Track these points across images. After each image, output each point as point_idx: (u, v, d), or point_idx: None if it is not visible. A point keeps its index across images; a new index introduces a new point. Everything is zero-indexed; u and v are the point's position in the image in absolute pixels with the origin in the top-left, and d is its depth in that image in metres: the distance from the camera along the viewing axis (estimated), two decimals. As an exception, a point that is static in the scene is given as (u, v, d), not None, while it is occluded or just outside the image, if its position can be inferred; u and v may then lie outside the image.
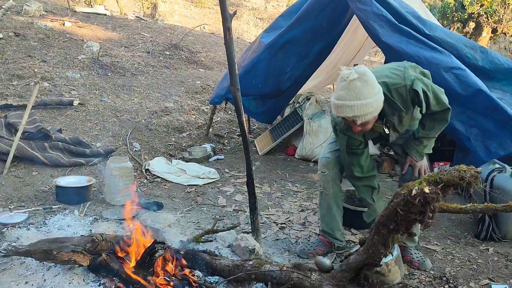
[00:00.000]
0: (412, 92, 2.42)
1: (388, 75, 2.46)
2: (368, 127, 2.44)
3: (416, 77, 2.44)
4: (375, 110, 2.31)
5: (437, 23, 4.36)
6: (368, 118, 2.31)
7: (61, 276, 2.38)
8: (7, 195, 3.43)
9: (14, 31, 7.34)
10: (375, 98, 2.27)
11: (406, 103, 2.47)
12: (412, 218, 1.76)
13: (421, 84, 2.43)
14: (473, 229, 3.37)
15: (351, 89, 2.22)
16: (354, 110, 2.24)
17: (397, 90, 2.42)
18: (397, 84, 2.42)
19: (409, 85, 2.41)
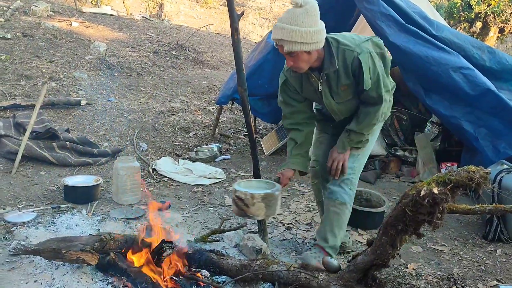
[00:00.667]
0: (356, 61, 2.32)
1: (346, 36, 2.40)
2: (300, 66, 2.33)
3: (369, 51, 2.34)
4: (305, 44, 2.21)
5: (444, 24, 4.35)
6: (295, 48, 2.21)
7: (70, 275, 2.39)
8: (16, 194, 3.46)
9: (22, 31, 7.39)
10: (307, 30, 2.18)
11: (346, 69, 2.36)
12: (420, 219, 1.75)
13: (370, 60, 2.33)
14: (481, 230, 3.36)
15: (289, 13, 2.21)
16: (283, 33, 2.19)
17: (344, 52, 2.33)
18: (347, 46, 2.33)
19: (357, 53, 2.31)
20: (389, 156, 4.79)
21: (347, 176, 2.53)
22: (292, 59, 2.30)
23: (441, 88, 3.83)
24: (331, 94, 2.48)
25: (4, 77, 5.78)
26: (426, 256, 2.99)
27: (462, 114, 3.79)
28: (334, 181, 2.57)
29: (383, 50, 2.46)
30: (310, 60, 2.33)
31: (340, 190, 2.52)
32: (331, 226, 2.55)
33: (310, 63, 2.35)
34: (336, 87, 2.44)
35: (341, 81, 2.41)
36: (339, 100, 2.50)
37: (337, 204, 2.52)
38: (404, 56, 3.85)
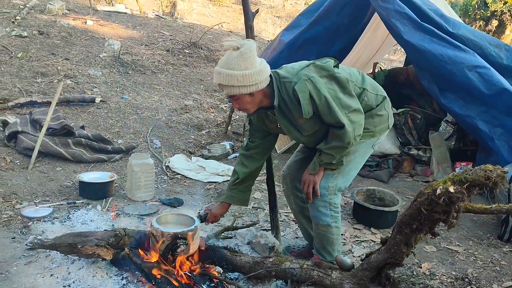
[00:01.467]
0: (294, 91, 2.21)
1: (287, 68, 2.31)
2: (247, 108, 2.28)
3: (308, 77, 2.20)
4: (243, 87, 2.16)
5: (460, 21, 4.30)
6: (234, 92, 2.17)
7: (85, 269, 2.42)
8: (32, 190, 3.51)
9: (38, 29, 7.49)
10: (243, 72, 2.12)
11: (292, 101, 2.25)
12: (436, 218, 1.74)
13: (310, 85, 2.19)
14: (496, 230, 3.32)
15: (226, 57, 2.17)
16: (220, 78, 2.16)
17: (284, 85, 2.25)
18: (285, 78, 2.25)
19: (294, 82, 2.21)
20: (402, 155, 4.76)
21: (323, 198, 2.40)
22: (236, 102, 2.26)
23: (456, 87, 3.79)
24: (295, 128, 2.36)
25: (21, 75, 5.87)
26: (440, 256, 2.97)
27: (477, 113, 3.74)
28: (311, 205, 2.47)
29: (331, 72, 2.26)
30: (254, 101, 2.26)
31: (320, 214, 2.43)
32: (322, 245, 2.51)
33: (256, 104, 2.28)
34: (294, 120, 2.32)
35: (294, 114, 2.28)
36: (306, 133, 2.37)
37: (320, 227, 2.46)
38: (419, 55, 3.82)
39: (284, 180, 2.78)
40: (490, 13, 12.66)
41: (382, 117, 2.48)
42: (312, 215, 2.50)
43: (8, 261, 2.48)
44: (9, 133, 4.18)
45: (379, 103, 2.46)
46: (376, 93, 2.45)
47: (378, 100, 2.45)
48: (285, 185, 2.79)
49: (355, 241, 3.13)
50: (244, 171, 2.56)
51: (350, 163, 2.45)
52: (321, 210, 2.42)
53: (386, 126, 2.53)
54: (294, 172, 2.71)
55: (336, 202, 2.44)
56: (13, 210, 3.13)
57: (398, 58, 11.71)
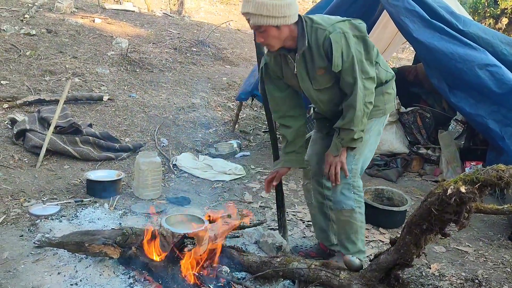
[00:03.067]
0: (327, 40, 2.16)
1: (322, 16, 2.28)
2: (271, 43, 2.22)
3: (343, 31, 2.17)
4: (271, 18, 2.10)
5: (470, 19, 4.25)
6: (261, 22, 2.11)
7: (92, 267, 2.42)
8: (40, 188, 3.52)
9: (46, 27, 7.52)
10: (274, 2, 2.08)
11: (319, 50, 2.22)
12: (446, 218, 1.71)
13: (343, 40, 2.16)
14: (506, 231, 3.28)
15: None
16: (249, 6, 2.10)
17: (316, 31, 2.20)
18: (320, 25, 2.20)
19: (329, 32, 2.16)
20: (411, 154, 4.72)
21: (346, 181, 2.36)
22: (262, 35, 2.19)
23: (466, 86, 3.74)
24: (309, 78, 2.32)
25: (29, 73, 5.90)
26: (449, 256, 2.94)
27: (487, 112, 3.69)
28: (334, 190, 2.43)
29: (363, 34, 2.25)
30: (280, 36, 2.20)
31: (343, 198, 2.38)
32: (346, 235, 2.45)
33: (281, 41, 2.23)
34: (312, 70, 2.29)
35: (316, 63, 2.26)
36: (317, 87, 2.33)
37: (344, 213, 2.40)
38: (428, 53, 3.77)
39: (306, 175, 2.73)
40: (500, 11, 12.52)
41: (390, 95, 2.48)
42: (335, 200, 2.44)
43: (16, 259, 2.49)
44: (18, 131, 4.20)
45: (388, 80, 2.45)
46: (386, 70, 2.45)
47: (387, 76, 2.44)
48: (306, 180, 2.73)
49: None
50: (289, 131, 2.52)
51: (365, 144, 2.42)
52: (344, 193, 2.37)
53: (393, 105, 2.53)
54: (315, 166, 2.64)
55: (360, 185, 2.41)
56: (21, 208, 3.14)
57: (406, 56, 11.63)
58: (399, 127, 4.83)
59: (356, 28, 2.24)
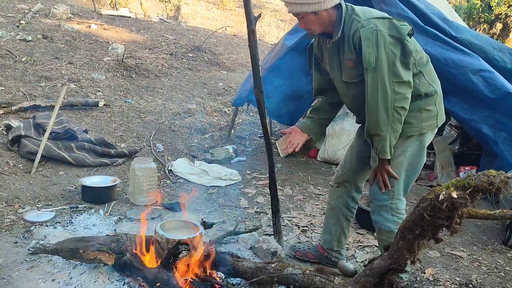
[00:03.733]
0: (357, 34, 2.13)
1: (367, 9, 2.25)
2: (312, 29, 2.25)
3: (377, 28, 2.10)
4: (305, 4, 2.14)
5: (463, 25, 4.29)
6: (297, 9, 2.17)
7: (87, 274, 2.42)
8: (35, 194, 3.51)
9: (42, 33, 7.53)
10: None
11: (349, 40, 2.19)
12: (439, 223, 1.72)
13: (374, 37, 2.09)
14: (500, 236, 3.29)
15: None
16: None
17: (352, 22, 2.18)
18: (357, 17, 2.17)
19: (362, 25, 2.12)
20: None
21: (384, 203, 2.32)
22: (302, 21, 2.24)
23: (460, 91, 3.77)
24: (339, 68, 2.29)
25: (25, 79, 5.90)
26: (444, 261, 2.95)
27: (481, 117, 3.72)
28: (372, 209, 2.42)
29: (402, 36, 2.12)
30: (319, 21, 2.21)
31: (381, 219, 2.36)
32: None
33: (321, 25, 2.23)
34: (342, 60, 2.26)
35: (346, 54, 2.22)
36: (345, 79, 2.29)
37: (383, 233, 2.39)
38: (422, 58, 3.80)
39: (337, 179, 2.67)
40: (494, 16, 12.63)
41: (430, 112, 2.29)
42: (374, 220, 2.43)
43: (10, 266, 2.48)
44: (13, 137, 4.19)
45: (429, 95, 2.27)
46: (430, 83, 2.28)
47: (429, 90, 2.27)
48: (336, 183, 2.67)
49: (358, 246, 3.11)
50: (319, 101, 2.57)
51: (402, 165, 2.31)
52: (383, 215, 2.35)
53: (435, 123, 2.34)
54: (347, 172, 2.61)
55: (400, 207, 2.34)
56: (15, 215, 3.13)
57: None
58: (394, 132, 4.84)
59: (395, 28, 2.14)
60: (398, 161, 2.29)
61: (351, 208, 2.69)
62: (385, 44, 2.10)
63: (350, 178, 2.62)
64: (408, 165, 2.32)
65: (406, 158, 2.31)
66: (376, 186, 2.34)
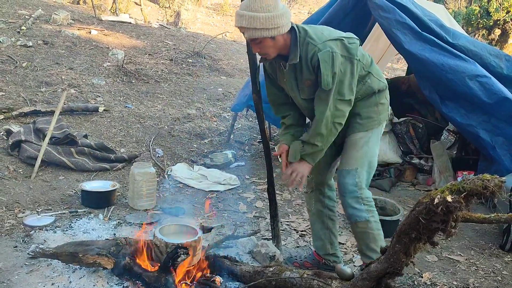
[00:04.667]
0: (315, 57, 2.21)
1: (317, 29, 2.30)
2: (267, 53, 2.26)
3: (332, 51, 2.20)
4: (265, 30, 2.14)
5: (461, 31, 4.32)
6: (256, 35, 2.16)
7: (86, 278, 2.44)
8: (35, 199, 3.53)
9: (42, 39, 7.57)
10: (266, 15, 2.11)
11: (307, 63, 2.26)
12: (434, 227, 1.74)
13: (330, 59, 2.19)
14: (497, 240, 3.31)
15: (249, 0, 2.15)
16: (242, 20, 2.14)
17: (307, 45, 2.24)
18: (312, 40, 2.23)
19: (319, 49, 2.20)
20: (404, 164, 4.76)
21: (354, 194, 2.43)
22: (257, 46, 2.24)
23: (457, 96, 3.81)
24: (297, 88, 2.37)
25: (25, 84, 5.93)
26: (441, 265, 2.96)
27: (478, 122, 3.75)
28: (344, 205, 2.48)
29: (351, 55, 2.27)
30: (276, 45, 2.25)
31: (355, 211, 2.44)
32: (366, 245, 2.50)
33: (277, 49, 2.27)
34: (300, 81, 2.34)
35: (304, 75, 2.30)
36: (304, 96, 2.38)
37: (359, 225, 2.45)
38: (419, 64, 3.84)
39: (309, 184, 2.75)
40: (492, 22, 12.70)
41: (384, 105, 2.50)
42: (347, 215, 2.49)
43: (10, 270, 2.50)
44: (13, 142, 4.22)
45: (381, 90, 2.47)
46: (379, 79, 2.47)
47: (380, 86, 2.46)
48: (309, 189, 2.76)
49: (356, 251, 3.12)
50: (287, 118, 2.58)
51: (365, 155, 2.46)
52: (355, 206, 2.42)
53: (387, 114, 2.56)
54: (317, 175, 2.68)
55: (368, 195, 2.46)
56: (15, 219, 3.15)
57: (401, 66, 11.74)
58: (392, 137, 4.87)
59: (346, 49, 2.26)
60: (362, 151, 2.45)
61: (330, 207, 2.74)
62: (338, 63, 2.22)
63: (320, 180, 2.69)
64: (370, 155, 2.48)
65: (369, 148, 2.47)
66: (346, 179, 2.43)
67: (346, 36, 2.32)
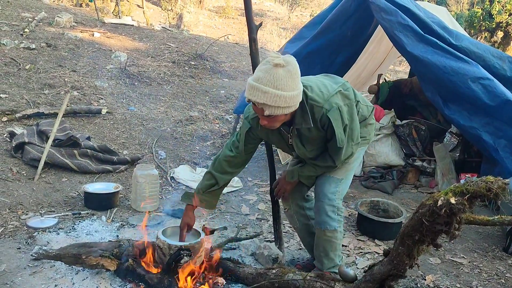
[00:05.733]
0: (325, 118, 2.20)
1: (313, 88, 2.23)
2: (275, 126, 2.20)
3: (338, 106, 2.21)
4: (287, 108, 2.07)
5: (464, 33, 4.32)
6: (277, 112, 2.06)
7: (89, 280, 2.44)
8: (38, 200, 3.54)
9: (46, 41, 7.60)
10: (291, 94, 2.03)
11: (316, 124, 2.23)
12: (437, 229, 1.74)
13: (339, 115, 2.22)
14: (501, 242, 3.30)
15: (271, 74, 1.99)
16: (266, 97, 1.99)
17: (312, 107, 2.20)
18: (316, 102, 2.19)
19: (326, 110, 2.18)
20: (407, 166, 4.75)
21: (332, 203, 2.44)
22: (268, 120, 2.14)
23: (459, 99, 3.80)
24: (303, 146, 2.38)
25: (29, 86, 5.95)
26: (444, 268, 2.96)
27: (481, 124, 3.75)
28: (318, 211, 2.48)
29: (352, 101, 2.30)
30: (286, 119, 2.20)
31: (329, 219, 2.44)
32: (325, 252, 2.53)
33: (282, 122, 2.22)
34: (307, 139, 2.34)
35: (313, 134, 2.30)
36: (310, 148, 2.39)
37: (327, 233, 2.46)
38: (422, 66, 3.84)
39: (286, 202, 2.74)
40: (495, 25, 12.70)
41: (372, 125, 2.61)
42: (319, 221, 2.48)
43: (13, 272, 2.50)
44: (16, 144, 4.23)
45: (370, 113, 2.55)
46: (366, 105, 2.53)
47: (369, 110, 2.54)
48: (287, 206, 2.75)
49: (359, 253, 3.12)
50: (225, 178, 2.56)
51: (351, 169, 2.57)
52: (330, 215, 2.44)
53: (374, 132, 2.70)
54: (293, 192, 2.67)
55: (341, 206, 2.51)
56: (18, 221, 3.16)
57: (403, 69, 11.74)
58: (394, 139, 4.87)
59: (346, 97, 2.29)
60: (351, 166, 2.55)
61: (313, 217, 2.67)
62: (345, 116, 2.26)
63: (296, 196, 2.68)
64: (353, 170, 2.59)
65: (355, 164, 2.59)
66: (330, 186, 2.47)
67: (339, 83, 2.32)
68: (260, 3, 18.82)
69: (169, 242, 2.38)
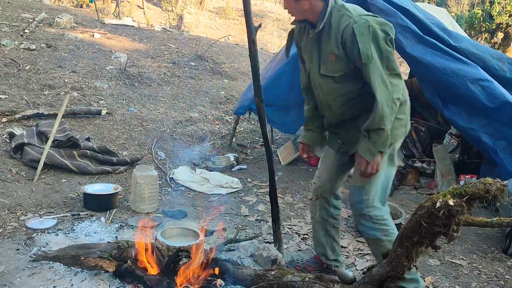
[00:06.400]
0: (349, 29, 2.10)
1: (356, 6, 2.21)
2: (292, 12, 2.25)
3: (370, 25, 2.09)
4: None
5: (463, 35, 4.32)
6: None
7: (88, 281, 2.44)
8: (37, 201, 3.54)
9: (46, 42, 7.60)
10: None
11: (337, 35, 2.15)
12: (436, 231, 1.74)
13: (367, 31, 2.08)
14: (500, 244, 3.30)
15: None
16: None
17: (342, 16, 2.14)
18: (348, 12, 2.14)
19: (354, 21, 2.10)
20: (406, 167, 4.75)
21: (360, 212, 2.34)
22: (285, 3, 2.26)
23: (459, 100, 3.80)
24: (318, 60, 2.27)
25: (28, 87, 5.95)
26: (443, 269, 2.95)
27: (480, 126, 3.75)
28: (355, 219, 2.45)
29: (391, 33, 2.15)
30: (298, 8, 2.20)
31: (364, 228, 2.37)
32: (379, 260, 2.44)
33: (301, 13, 2.23)
34: (324, 53, 2.24)
35: (329, 47, 2.19)
36: (324, 72, 2.26)
37: (371, 242, 2.42)
38: (421, 68, 3.84)
39: (315, 192, 2.68)
40: (495, 26, 12.70)
41: (401, 121, 2.30)
42: (359, 230, 2.50)
43: (12, 273, 2.50)
44: (16, 145, 4.23)
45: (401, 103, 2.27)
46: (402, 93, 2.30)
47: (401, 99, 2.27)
48: (315, 196, 2.69)
49: (358, 254, 3.12)
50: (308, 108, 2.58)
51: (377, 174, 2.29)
52: (364, 224, 2.36)
53: (404, 131, 2.37)
54: (325, 183, 2.62)
55: (377, 214, 2.32)
56: (17, 222, 3.16)
57: (403, 70, 11.71)
58: (394, 140, 4.86)
59: (385, 25, 2.15)
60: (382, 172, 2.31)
61: (335, 216, 2.70)
62: (380, 39, 2.11)
63: (327, 189, 2.63)
64: (382, 173, 2.31)
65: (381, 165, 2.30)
66: (354, 196, 2.36)
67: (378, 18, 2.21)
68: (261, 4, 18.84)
69: (168, 243, 2.38)
